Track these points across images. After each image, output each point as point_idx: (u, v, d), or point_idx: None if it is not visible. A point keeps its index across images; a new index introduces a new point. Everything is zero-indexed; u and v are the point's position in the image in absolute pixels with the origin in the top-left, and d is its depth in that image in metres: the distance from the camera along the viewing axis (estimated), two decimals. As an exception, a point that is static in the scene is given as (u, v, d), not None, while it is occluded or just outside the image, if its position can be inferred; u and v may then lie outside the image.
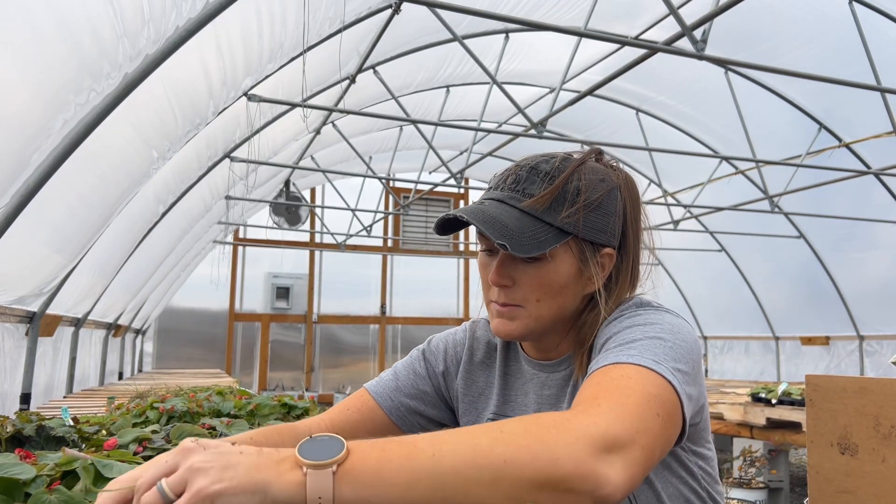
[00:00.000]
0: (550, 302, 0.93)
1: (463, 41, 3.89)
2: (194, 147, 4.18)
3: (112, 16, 2.14)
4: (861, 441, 1.14)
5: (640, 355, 0.79)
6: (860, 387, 1.16)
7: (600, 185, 0.94)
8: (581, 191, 0.92)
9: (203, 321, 9.88)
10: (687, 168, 7.57)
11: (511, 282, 0.94)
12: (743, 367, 9.13)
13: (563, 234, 0.91)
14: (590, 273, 0.94)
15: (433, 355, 1.13)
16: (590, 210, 0.92)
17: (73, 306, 4.22)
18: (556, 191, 0.91)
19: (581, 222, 0.91)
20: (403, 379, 1.11)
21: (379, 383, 1.11)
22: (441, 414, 1.11)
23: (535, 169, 0.94)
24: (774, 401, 4.78)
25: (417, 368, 1.12)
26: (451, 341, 1.14)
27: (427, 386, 1.10)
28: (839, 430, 1.18)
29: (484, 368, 1.11)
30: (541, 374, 1.03)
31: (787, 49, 5.36)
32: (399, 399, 1.08)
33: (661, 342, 0.83)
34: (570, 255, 0.93)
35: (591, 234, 0.93)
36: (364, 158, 6.82)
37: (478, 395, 1.10)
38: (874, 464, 1.12)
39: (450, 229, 0.96)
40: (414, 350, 1.16)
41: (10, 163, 2.22)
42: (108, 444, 1.27)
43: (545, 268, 0.92)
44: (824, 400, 1.21)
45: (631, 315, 0.91)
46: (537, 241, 0.89)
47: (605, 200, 0.94)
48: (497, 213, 0.90)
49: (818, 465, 1.21)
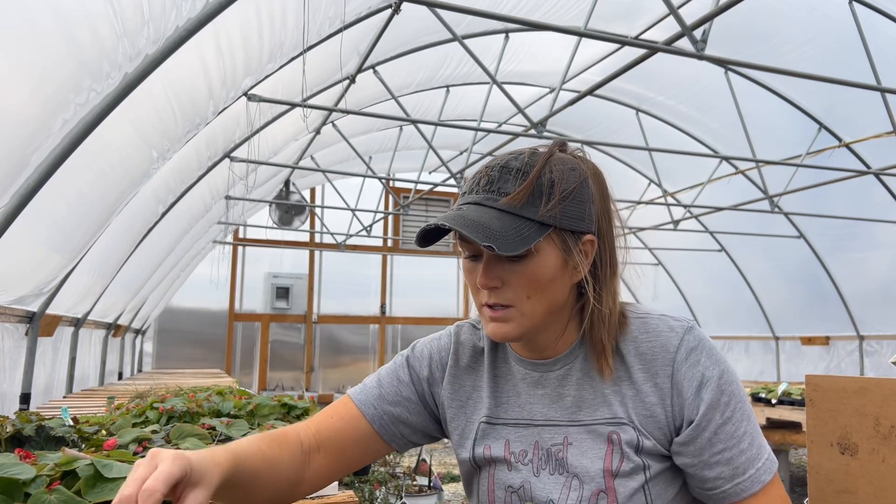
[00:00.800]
0: (541, 297, 0.93)
1: (463, 41, 3.89)
2: (194, 147, 4.18)
3: (112, 15, 2.14)
4: (861, 441, 1.14)
5: (763, 462, 0.94)
6: (860, 387, 1.16)
7: (572, 175, 0.95)
8: (555, 182, 0.92)
9: (203, 321, 9.88)
10: (687, 168, 7.58)
11: (500, 282, 0.93)
12: (743, 366, 9.13)
13: (544, 226, 0.91)
14: (574, 262, 0.94)
15: (417, 361, 1.11)
16: (566, 200, 0.92)
17: (72, 306, 4.22)
18: (531, 185, 0.92)
19: (559, 213, 0.92)
20: (387, 386, 1.09)
21: (363, 390, 1.09)
22: (424, 422, 1.10)
23: (505, 167, 0.94)
24: (774, 401, 4.78)
25: (401, 375, 1.10)
26: (435, 346, 1.12)
27: (411, 393, 1.09)
28: (839, 430, 1.18)
29: (470, 373, 1.09)
30: (534, 373, 1.03)
31: (787, 49, 5.36)
32: (382, 407, 1.07)
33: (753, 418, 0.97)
34: (553, 246, 0.93)
35: (570, 223, 0.93)
36: (364, 158, 6.82)
37: (465, 400, 1.09)
38: (874, 464, 1.12)
39: (432, 240, 0.96)
40: (398, 356, 1.14)
41: (9, 162, 2.22)
42: (107, 444, 1.27)
43: (532, 263, 0.92)
44: (824, 400, 1.21)
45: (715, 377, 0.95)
46: (521, 237, 0.89)
47: (578, 189, 0.94)
48: (477, 216, 0.90)
49: (818, 465, 1.21)
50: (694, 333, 0.96)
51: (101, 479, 0.97)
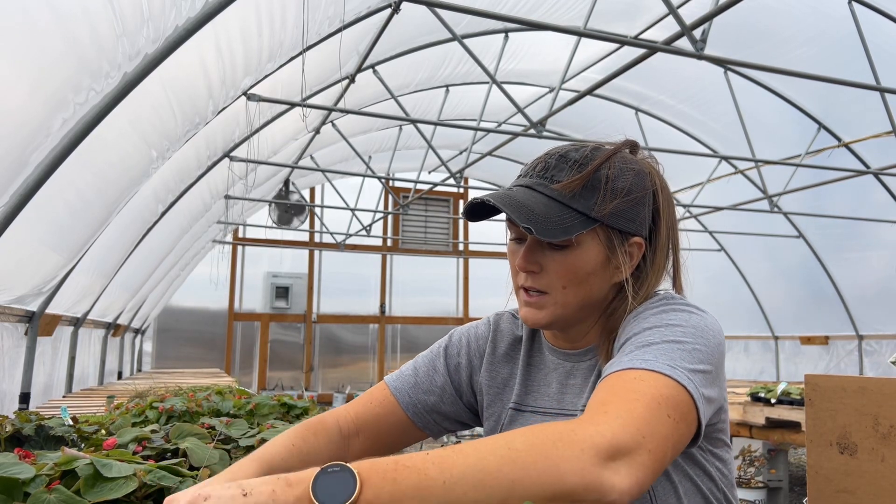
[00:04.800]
0: (577, 289, 0.93)
1: (462, 41, 3.89)
2: (193, 146, 4.18)
3: (111, 14, 2.14)
4: (860, 440, 1.14)
5: (654, 360, 0.80)
6: (859, 386, 1.16)
7: (630, 174, 0.94)
8: (610, 178, 0.92)
9: (202, 321, 9.88)
10: (686, 168, 7.57)
11: (538, 268, 0.93)
12: (742, 366, 9.13)
13: (591, 220, 0.90)
14: (617, 262, 0.94)
15: (455, 350, 1.12)
16: (618, 198, 0.91)
17: (72, 306, 4.22)
18: (586, 178, 0.91)
19: (609, 210, 0.91)
20: (423, 375, 1.10)
21: (399, 378, 1.11)
22: (458, 411, 1.11)
23: (564, 157, 0.95)
24: (774, 400, 4.78)
25: (437, 364, 1.11)
26: (472, 335, 1.13)
27: (446, 383, 1.10)
28: (838, 430, 1.18)
29: (507, 361, 1.10)
30: (566, 363, 1.03)
31: (786, 49, 5.36)
32: (417, 396, 1.08)
33: (680, 346, 0.83)
34: (598, 242, 0.92)
35: (619, 222, 0.92)
36: (363, 158, 6.81)
37: (502, 387, 1.10)
38: (873, 463, 1.12)
39: (478, 215, 0.96)
40: (435, 344, 1.15)
41: (9, 162, 2.21)
42: (107, 444, 1.27)
43: (572, 254, 0.91)
44: (823, 399, 1.21)
45: (655, 313, 0.90)
46: (563, 226, 0.88)
47: (634, 189, 0.93)
48: (524, 198, 0.90)
49: (817, 465, 1.21)
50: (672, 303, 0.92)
51: (100, 479, 0.97)
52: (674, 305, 0.92)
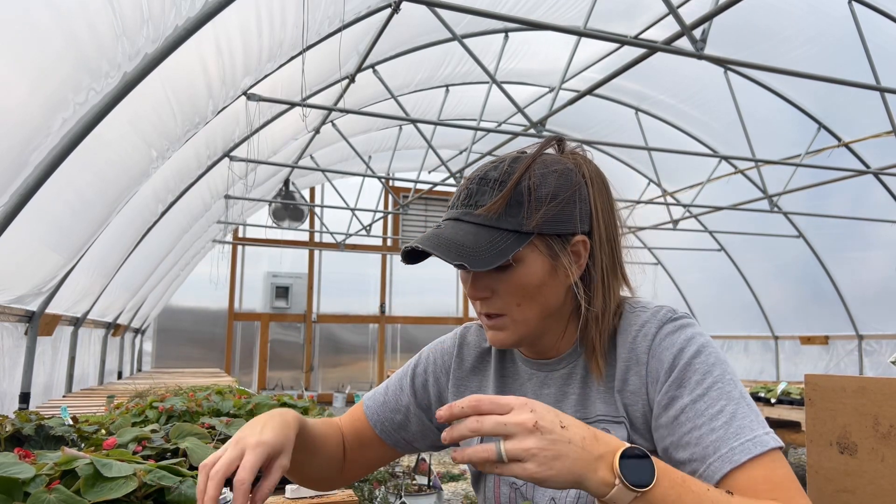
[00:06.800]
0: (531, 304, 0.92)
1: (462, 40, 3.89)
2: (193, 146, 4.18)
3: (111, 14, 2.14)
4: (860, 440, 1.14)
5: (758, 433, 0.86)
6: (859, 386, 1.16)
7: (552, 177, 0.92)
8: (532, 188, 0.90)
9: (202, 320, 9.89)
10: (686, 167, 7.58)
11: (489, 293, 0.93)
12: (742, 366, 9.14)
13: (524, 235, 0.89)
14: (564, 266, 0.92)
15: (422, 367, 1.12)
16: (545, 205, 0.90)
17: (72, 305, 4.22)
18: (507, 196, 0.89)
19: (538, 220, 0.89)
20: (391, 394, 1.11)
21: (372, 396, 1.13)
22: (425, 430, 1.10)
23: (484, 179, 0.93)
24: (774, 400, 4.78)
25: (404, 384, 1.12)
26: (439, 351, 1.13)
27: (411, 402, 1.10)
28: (838, 430, 1.18)
29: (476, 374, 1.10)
30: (539, 373, 1.03)
31: (786, 48, 5.36)
32: (385, 415, 1.10)
33: (742, 395, 0.88)
34: (538, 253, 0.91)
35: (552, 227, 0.90)
36: (363, 158, 6.82)
37: None
38: (873, 463, 1.12)
39: (416, 258, 0.95)
40: (409, 362, 1.16)
41: (9, 161, 2.21)
42: (107, 444, 1.27)
43: (516, 273, 0.90)
44: (823, 399, 1.21)
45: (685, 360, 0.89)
46: (497, 250, 0.87)
47: (560, 191, 0.91)
48: (452, 235, 0.89)
49: (817, 465, 1.21)
50: (677, 322, 0.93)
51: (100, 479, 0.97)
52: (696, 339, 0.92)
